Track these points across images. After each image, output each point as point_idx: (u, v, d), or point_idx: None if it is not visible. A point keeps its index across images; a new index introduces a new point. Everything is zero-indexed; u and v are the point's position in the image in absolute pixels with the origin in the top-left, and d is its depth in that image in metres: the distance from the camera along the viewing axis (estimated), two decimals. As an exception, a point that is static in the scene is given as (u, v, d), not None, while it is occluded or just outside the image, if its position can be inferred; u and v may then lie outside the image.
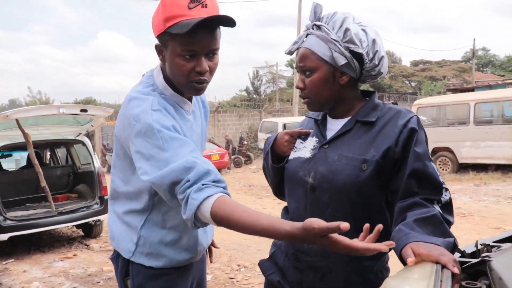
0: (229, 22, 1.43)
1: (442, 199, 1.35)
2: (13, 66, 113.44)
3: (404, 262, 1.19)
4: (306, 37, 1.52)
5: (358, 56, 1.45)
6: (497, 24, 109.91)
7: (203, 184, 1.30)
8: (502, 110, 12.05)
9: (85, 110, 6.21)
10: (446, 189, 1.38)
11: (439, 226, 1.27)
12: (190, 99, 1.65)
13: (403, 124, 1.42)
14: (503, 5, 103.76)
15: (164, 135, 1.38)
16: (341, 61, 1.44)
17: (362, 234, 1.12)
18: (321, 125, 1.61)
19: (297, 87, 1.56)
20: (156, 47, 1.51)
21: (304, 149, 1.59)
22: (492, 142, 11.62)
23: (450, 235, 1.26)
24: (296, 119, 22.51)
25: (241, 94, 44.90)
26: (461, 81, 36.90)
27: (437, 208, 1.32)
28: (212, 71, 1.51)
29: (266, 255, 1.73)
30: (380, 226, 1.10)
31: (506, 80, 20.85)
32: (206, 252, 1.92)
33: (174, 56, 1.45)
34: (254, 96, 43.73)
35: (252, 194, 12.36)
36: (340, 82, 1.49)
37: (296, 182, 1.56)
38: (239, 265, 5.52)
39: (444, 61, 43.16)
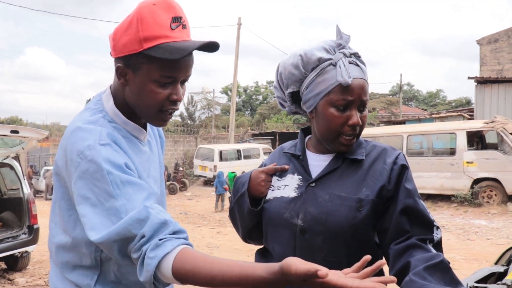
0: (217, 48, 1.31)
1: (434, 238, 1.31)
2: None
3: None
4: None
5: None
6: (420, 62, 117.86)
7: (160, 239, 1.10)
8: (431, 143, 12.74)
9: (16, 132, 5.68)
10: (437, 227, 1.33)
11: (448, 272, 1.22)
12: (145, 127, 1.44)
13: (392, 161, 1.39)
14: (425, 46, 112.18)
15: (115, 178, 1.16)
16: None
17: (357, 265, 1.03)
18: (303, 161, 1.48)
19: (357, 124, 1.37)
20: (118, 68, 1.29)
21: (286, 188, 1.45)
22: (423, 173, 12.12)
23: (459, 282, 1.21)
24: (232, 146, 22.52)
25: (175, 119, 44.48)
26: (389, 113, 38.82)
27: (432, 249, 1.27)
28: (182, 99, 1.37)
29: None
30: (368, 257, 1.04)
31: (433, 114, 22.14)
32: None
33: (148, 82, 1.26)
34: (189, 121, 43.47)
35: (189, 222, 12.03)
36: None
37: (281, 225, 1.42)
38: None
39: (373, 94, 45.29)
